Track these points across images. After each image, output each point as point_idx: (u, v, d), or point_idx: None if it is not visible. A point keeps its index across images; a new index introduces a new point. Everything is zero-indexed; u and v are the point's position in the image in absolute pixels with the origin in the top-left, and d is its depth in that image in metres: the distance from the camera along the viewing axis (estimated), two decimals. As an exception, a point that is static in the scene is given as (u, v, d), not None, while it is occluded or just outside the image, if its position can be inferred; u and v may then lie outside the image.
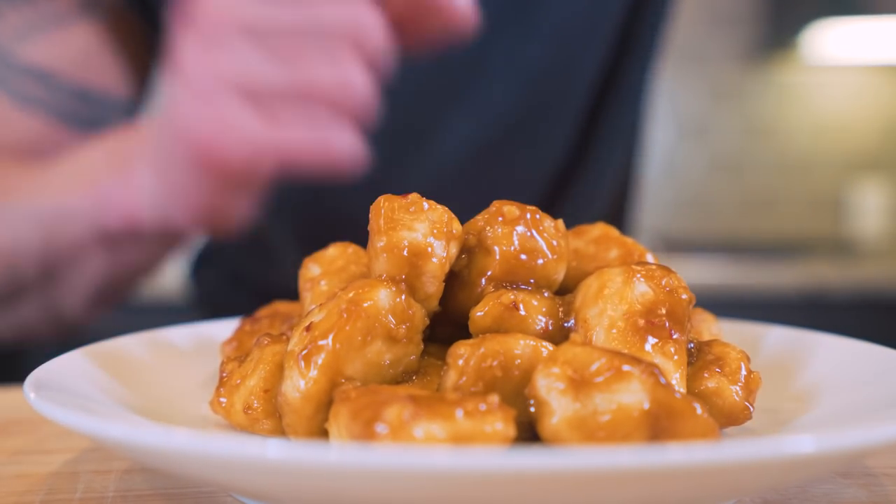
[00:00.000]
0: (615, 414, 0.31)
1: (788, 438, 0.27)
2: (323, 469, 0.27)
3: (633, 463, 0.26)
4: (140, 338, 0.50)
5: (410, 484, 0.27)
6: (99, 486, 0.40)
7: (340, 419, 0.32)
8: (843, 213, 2.75)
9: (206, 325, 0.54)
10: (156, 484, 0.40)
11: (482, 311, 0.38)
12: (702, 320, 0.47)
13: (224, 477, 0.31)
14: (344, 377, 0.35)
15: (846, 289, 2.12)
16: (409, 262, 0.38)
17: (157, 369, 0.48)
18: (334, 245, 0.47)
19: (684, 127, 2.76)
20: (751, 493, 0.37)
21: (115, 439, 0.31)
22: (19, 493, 0.39)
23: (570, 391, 0.31)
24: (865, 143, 2.75)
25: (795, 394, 0.44)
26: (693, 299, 0.38)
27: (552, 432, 0.32)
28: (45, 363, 0.41)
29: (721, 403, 0.38)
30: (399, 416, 0.30)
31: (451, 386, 0.35)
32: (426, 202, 0.39)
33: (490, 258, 0.40)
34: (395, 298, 0.37)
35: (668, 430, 0.31)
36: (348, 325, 0.36)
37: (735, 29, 2.72)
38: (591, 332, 0.37)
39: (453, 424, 0.29)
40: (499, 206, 0.41)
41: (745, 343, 0.45)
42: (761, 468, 0.28)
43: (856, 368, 0.43)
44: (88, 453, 0.45)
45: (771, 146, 2.74)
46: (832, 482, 0.39)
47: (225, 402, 0.40)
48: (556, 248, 0.41)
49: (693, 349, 0.40)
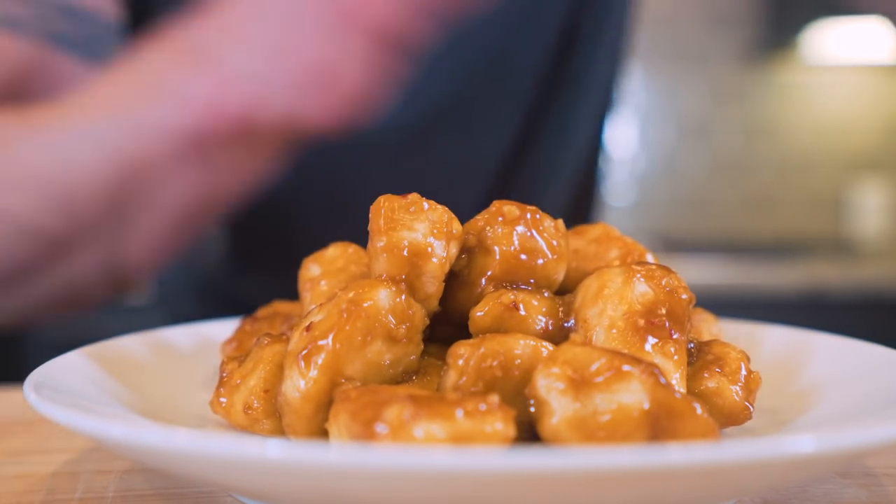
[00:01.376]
0: (615, 414, 0.31)
1: (788, 438, 0.27)
2: (323, 469, 0.27)
3: (633, 463, 0.26)
4: (140, 338, 0.50)
5: (410, 484, 0.27)
6: (99, 486, 0.40)
7: (340, 419, 0.32)
8: (843, 213, 2.75)
9: (206, 325, 0.54)
10: (156, 484, 0.40)
11: (482, 311, 0.38)
12: (702, 320, 0.47)
13: (224, 477, 0.31)
14: (344, 377, 0.35)
15: (846, 289, 2.12)
16: (409, 262, 0.38)
17: (157, 369, 0.48)
18: (334, 245, 0.47)
19: (684, 127, 2.76)
20: (751, 493, 0.37)
21: (115, 439, 0.31)
22: (19, 493, 0.39)
23: (570, 391, 0.31)
24: (865, 143, 2.75)
25: (795, 394, 0.44)
26: (693, 299, 0.38)
27: (552, 432, 0.32)
28: (45, 363, 0.41)
29: (721, 403, 0.38)
30: (399, 416, 0.30)
31: (451, 386, 0.35)
32: (426, 202, 0.39)
33: (490, 258, 0.40)
34: (395, 298, 0.37)
35: (668, 430, 0.31)
36: (348, 325, 0.36)
37: (735, 29, 2.72)
38: (591, 332, 0.37)
39: (453, 424, 0.29)
40: (499, 205, 0.41)
41: (745, 343, 0.44)
42: (761, 468, 0.28)
43: (856, 368, 0.43)
44: (88, 453, 0.45)
45: (771, 146, 2.74)
46: (832, 482, 0.39)
47: (225, 402, 0.40)
48: (556, 248, 0.41)
49: (693, 349, 0.40)
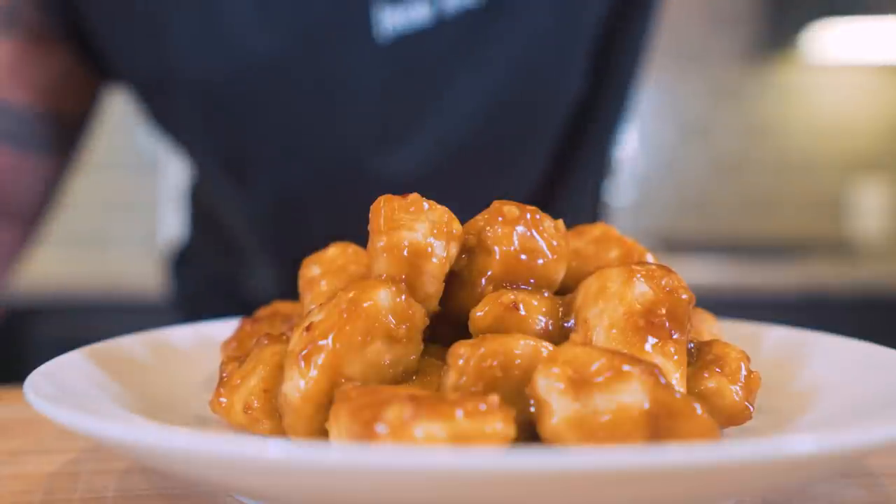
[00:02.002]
0: (615, 414, 0.31)
1: (788, 438, 0.27)
2: (323, 469, 0.27)
3: (633, 463, 0.26)
4: (140, 338, 0.50)
5: (410, 484, 0.27)
6: (99, 486, 0.40)
7: (340, 419, 0.32)
8: (843, 214, 2.75)
9: (206, 325, 0.54)
10: (156, 484, 0.40)
11: (482, 311, 0.38)
12: (702, 320, 0.46)
13: (224, 477, 0.31)
14: (344, 377, 0.35)
15: (846, 289, 2.12)
16: (410, 262, 0.38)
17: (157, 369, 0.48)
18: (334, 245, 0.47)
19: (684, 127, 2.76)
20: (751, 493, 0.37)
21: (115, 439, 0.31)
22: (19, 493, 0.39)
23: (571, 391, 0.31)
24: (865, 143, 2.74)
25: (795, 394, 0.44)
26: (693, 299, 0.38)
27: (552, 432, 0.32)
28: (45, 363, 0.41)
29: (721, 403, 0.38)
30: (399, 416, 0.30)
31: (451, 386, 0.35)
32: (426, 202, 0.39)
33: (490, 258, 0.40)
34: (395, 298, 0.37)
35: (668, 430, 0.31)
36: (348, 325, 0.35)
37: (735, 29, 2.72)
38: (591, 332, 0.37)
39: (453, 424, 0.29)
40: (499, 206, 0.41)
41: (745, 343, 0.44)
42: (761, 468, 0.28)
43: (856, 368, 0.43)
44: (88, 453, 0.45)
45: (771, 146, 2.74)
46: (832, 482, 0.39)
47: (225, 402, 0.40)
48: (556, 248, 0.41)
49: (693, 349, 0.40)
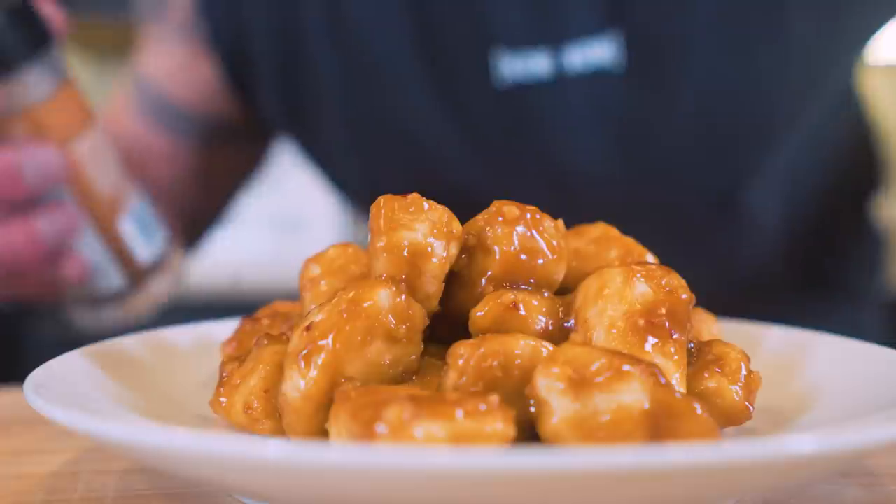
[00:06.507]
0: (615, 414, 0.31)
1: (788, 438, 0.27)
2: (323, 469, 0.27)
3: (633, 463, 0.26)
4: (140, 338, 0.50)
5: (410, 484, 0.27)
6: (99, 486, 0.40)
7: (340, 419, 0.32)
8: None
9: (206, 325, 0.54)
10: (156, 484, 0.40)
11: (482, 311, 0.38)
12: (702, 320, 0.46)
13: (224, 477, 0.31)
14: (344, 377, 0.35)
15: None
16: (410, 262, 0.38)
17: (157, 369, 0.48)
18: (334, 245, 0.47)
19: (684, 127, 2.75)
20: (751, 493, 0.37)
21: (115, 439, 0.31)
22: (19, 493, 0.39)
23: (570, 391, 0.31)
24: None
25: (795, 394, 0.44)
26: (693, 299, 0.38)
27: (552, 432, 0.32)
28: (45, 363, 0.41)
29: (721, 403, 0.38)
30: (399, 416, 0.30)
31: (451, 386, 0.35)
32: (426, 202, 0.39)
33: (490, 258, 0.40)
34: (395, 298, 0.37)
35: (668, 430, 0.31)
36: (348, 325, 0.36)
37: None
38: (591, 332, 0.37)
39: (453, 424, 0.29)
40: (499, 205, 0.41)
41: (745, 343, 0.44)
42: (761, 468, 0.28)
43: (856, 368, 0.43)
44: (88, 453, 0.45)
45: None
46: (832, 482, 0.39)
47: (225, 402, 0.40)
48: (556, 248, 0.41)
49: (693, 349, 0.40)
